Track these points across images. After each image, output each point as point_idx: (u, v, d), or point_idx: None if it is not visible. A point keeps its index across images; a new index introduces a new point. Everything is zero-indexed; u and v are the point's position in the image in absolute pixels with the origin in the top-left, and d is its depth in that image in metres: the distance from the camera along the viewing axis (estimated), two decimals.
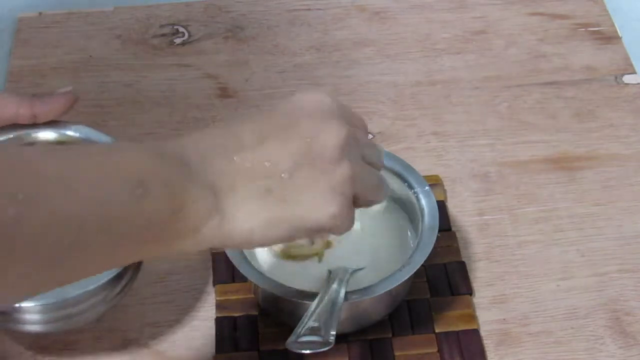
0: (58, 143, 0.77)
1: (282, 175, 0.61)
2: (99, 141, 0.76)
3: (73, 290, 0.68)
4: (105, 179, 0.56)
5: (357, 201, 0.64)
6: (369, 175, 0.65)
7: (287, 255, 0.77)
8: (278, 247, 0.77)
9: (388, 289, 0.72)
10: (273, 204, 0.61)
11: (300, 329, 0.68)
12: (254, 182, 0.60)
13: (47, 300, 0.68)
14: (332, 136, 0.62)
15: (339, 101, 0.66)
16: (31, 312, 0.69)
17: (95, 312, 0.72)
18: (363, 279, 0.75)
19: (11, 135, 0.75)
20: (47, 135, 0.77)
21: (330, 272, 0.75)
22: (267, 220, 0.61)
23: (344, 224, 0.63)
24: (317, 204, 0.61)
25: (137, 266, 0.73)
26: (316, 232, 0.63)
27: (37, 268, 0.53)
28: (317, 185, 0.61)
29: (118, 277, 0.71)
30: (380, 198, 0.67)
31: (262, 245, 0.63)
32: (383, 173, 0.79)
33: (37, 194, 0.52)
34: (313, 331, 0.68)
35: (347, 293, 0.72)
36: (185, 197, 0.58)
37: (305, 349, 0.67)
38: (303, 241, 0.77)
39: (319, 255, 0.77)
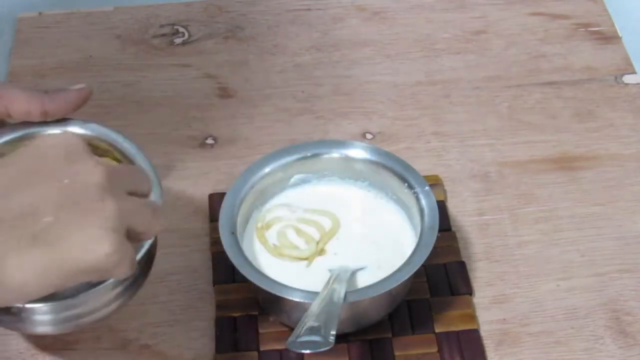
0: None
1: (45, 219, 0.58)
2: (109, 138, 0.76)
3: (82, 289, 0.68)
4: None
5: (130, 236, 0.61)
6: (138, 207, 0.62)
7: (279, 254, 0.77)
8: (272, 244, 0.77)
9: (388, 289, 0.72)
10: (42, 252, 0.57)
11: (300, 329, 0.68)
12: (13, 232, 0.57)
13: (55, 300, 0.68)
14: (92, 175, 0.60)
15: (83, 139, 0.63)
16: (40, 313, 0.68)
17: (104, 311, 0.71)
18: (363, 279, 0.75)
19: (20, 134, 0.75)
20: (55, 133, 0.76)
21: (330, 271, 0.75)
22: (39, 268, 0.57)
23: (122, 263, 0.59)
24: (89, 244, 0.58)
25: (147, 264, 0.72)
26: (96, 274, 0.59)
27: None
28: (86, 226, 0.58)
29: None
30: (155, 228, 0.64)
31: (40, 295, 0.59)
32: (383, 173, 0.79)
33: None
34: (313, 331, 0.68)
35: (347, 293, 0.72)
36: None
37: (305, 349, 0.67)
38: (294, 251, 0.77)
39: (309, 261, 0.77)
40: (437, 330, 0.76)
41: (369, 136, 0.91)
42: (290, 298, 0.72)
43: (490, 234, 0.83)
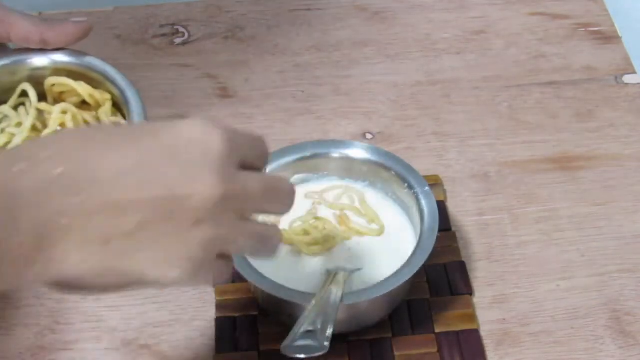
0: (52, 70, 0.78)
1: (128, 225, 0.53)
2: (103, 71, 0.77)
3: None
4: None
5: (227, 258, 0.58)
6: (244, 235, 0.57)
7: (288, 241, 0.77)
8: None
9: (388, 290, 0.72)
10: (110, 254, 0.54)
11: (296, 332, 0.68)
12: (94, 228, 0.53)
13: None
14: (199, 195, 0.54)
15: (235, 142, 0.56)
16: None
17: None
18: (363, 281, 0.75)
19: (7, 62, 0.78)
20: (41, 61, 0.78)
21: (328, 272, 0.75)
22: (100, 269, 0.54)
23: (188, 284, 0.57)
24: (159, 264, 0.54)
25: None
26: (158, 288, 0.57)
27: None
28: (165, 245, 0.54)
29: None
30: (266, 254, 0.61)
31: (100, 293, 0.56)
32: (383, 173, 0.79)
33: None
34: (308, 335, 0.67)
35: (347, 294, 0.72)
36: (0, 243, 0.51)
37: (300, 354, 0.67)
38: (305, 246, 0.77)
39: (320, 247, 0.77)
40: (437, 330, 0.76)
41: (369, 136, 0.91)
42: (290, 299, 0.72)
43: (490, 234, 0.83)
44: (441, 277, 0.79)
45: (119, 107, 0.82)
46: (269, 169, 0.79)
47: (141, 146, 0.55)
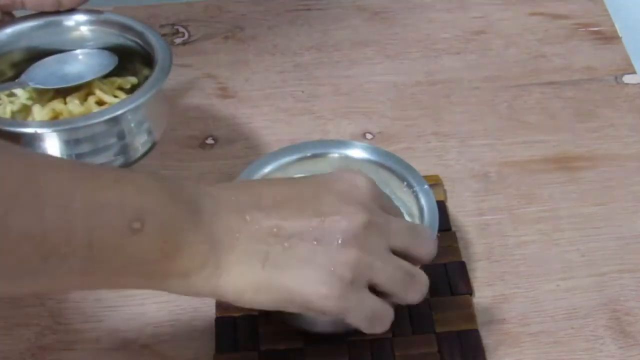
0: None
1: (285, 244, 0.61)
2: (120, 23, 0.81)
3: None
4: (105, 203, 0.56)
5: (385, 296, 0.64)
6: (391, 264, 0.63)
7: None
8: None
9: None
10: (267, 271, 0.60)
11: None
12: (256, 244, 0.60)
13: None
14: (347, 219, 0.61)
15: (378, 189, 0.66)
16: None
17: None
18: None
19: (41, 22, 0.79)
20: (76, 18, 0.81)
21: None
22: (257, 284, 0.61)
23: (337, 307, 0.61)
24: (309, 280, 0.61)
25: None
26: (307, 308, 0.62)
27: (15, 269, 0.53)
28: (315, 262, 0.61)
29: None
30: (414, 296, 0.65)
31: (252, 306, 0.62)
32: (382, 173, 0.79)
33: (32, 199, 0.53)
34: None
35: None
36: (182, 242, 0.58)
37: None
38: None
39: None
40: (437, 330, 0.76)
41: (369, 136, 0.91)
42: None
43: (490, 234, 0.83)
44: (441, 277, 0.79)
45: (144, 57, 0.82)
46: (268, 169, 0.79)
47: (298, 183, 0.65)
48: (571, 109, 0.93)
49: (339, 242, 0.61)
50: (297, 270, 0.60)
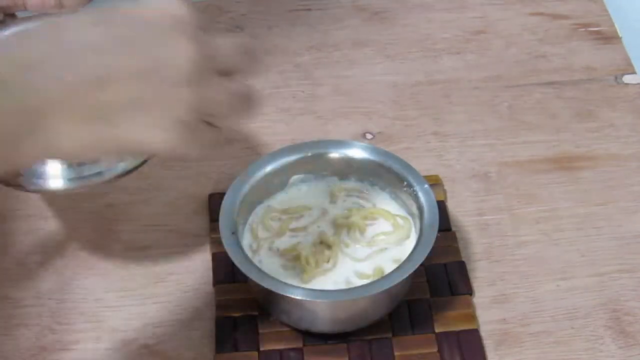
0: None
1: (116, 96, 0.55)
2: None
3: None
4: None
5: (212, 119, 0.59)
6: (226, 93, 0.60)
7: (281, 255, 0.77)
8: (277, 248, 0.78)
9: (387, 287, 0.72)
10: (98, 128, 0.55)
11: None
12: (82, 99, 0.55)
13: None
14: (181, 56, 0.56)
15: (193, 14, 0.59)
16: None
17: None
18: (362, 279, 0.75)
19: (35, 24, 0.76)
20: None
21: None
22: (90, 142, 0.56)
23: (182, 149, 0.58)
24: (150, 129, 0.56)
25: None
26: (151, 153, 0.59)
27: None
28: (152, 109, 0.56)
29: None
30: (243, 111, 0.62)
31: (83, 158, 0.60)
32: (382, 173, 0.79)
33: None
34: None
35: (346, 291, 0.72)
36: None
37: None
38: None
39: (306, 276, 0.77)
40: (437, 330, 0.76)
41: (369, 136, 0.91)
42: (292, 296, 0.71)
43: (490, 234, 0.83)
44: (441, 277, 0.79)
45: None
46: (268, 169, 0.80)
47: (108, 24, 0.57)
48: (571, 109, 0.93)
49: (172, 85, 0.56)
50: (133, 119, 0.56)
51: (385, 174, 0.80)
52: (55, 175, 0.67)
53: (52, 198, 0.85)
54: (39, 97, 0.54)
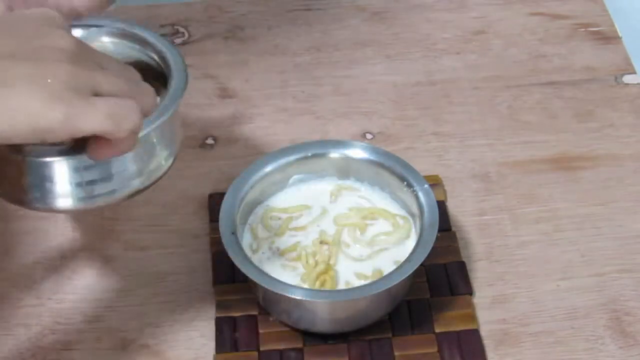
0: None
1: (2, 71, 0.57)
2: (135, 34, 0.78)
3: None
4: None
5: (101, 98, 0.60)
6: (113, 75, 0.61)
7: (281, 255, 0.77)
8: (277, 247, 0.78)
9: (387, 287, 0.72)
10: None
11: None
12: None
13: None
14: (60, 41, 0.59)
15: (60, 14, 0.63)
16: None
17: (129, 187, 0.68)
18: (362, 280, 0.75)
19: None
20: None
21: None
22: None
23: (64, 114, 0.57)
24: (37, 107, 0.56)
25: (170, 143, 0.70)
26: (34, 130, 0.57)
27: None
28: (34, 79, 0.57)
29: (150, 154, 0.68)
30: (148, 100, 0.62)
31: None
32: (382, 173, 0.79)
33: None
34: None
35: (346, 291, 0.72)
36: None
37: None
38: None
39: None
40: (437, 330, 0.76)
41: (369, 136, 0.91)
42: (291, 296, 0.71)
43: (490, 234, 0.83)
44: (441, 277, 0.79)
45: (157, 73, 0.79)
46: (268, 169, 0.80)
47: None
48: (571, 109, 0.93)
49: (55, 57, 0.58)
50: (16, 101, 0.56)
51: (385, 174, 0.80)
52: (65, 194, 0.67)
53: None
54: None
